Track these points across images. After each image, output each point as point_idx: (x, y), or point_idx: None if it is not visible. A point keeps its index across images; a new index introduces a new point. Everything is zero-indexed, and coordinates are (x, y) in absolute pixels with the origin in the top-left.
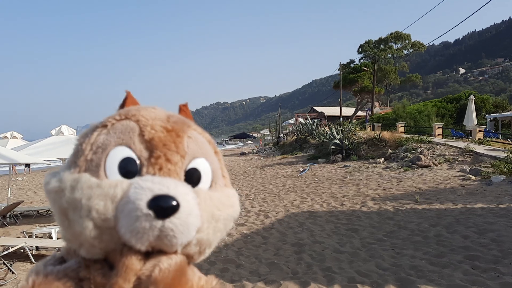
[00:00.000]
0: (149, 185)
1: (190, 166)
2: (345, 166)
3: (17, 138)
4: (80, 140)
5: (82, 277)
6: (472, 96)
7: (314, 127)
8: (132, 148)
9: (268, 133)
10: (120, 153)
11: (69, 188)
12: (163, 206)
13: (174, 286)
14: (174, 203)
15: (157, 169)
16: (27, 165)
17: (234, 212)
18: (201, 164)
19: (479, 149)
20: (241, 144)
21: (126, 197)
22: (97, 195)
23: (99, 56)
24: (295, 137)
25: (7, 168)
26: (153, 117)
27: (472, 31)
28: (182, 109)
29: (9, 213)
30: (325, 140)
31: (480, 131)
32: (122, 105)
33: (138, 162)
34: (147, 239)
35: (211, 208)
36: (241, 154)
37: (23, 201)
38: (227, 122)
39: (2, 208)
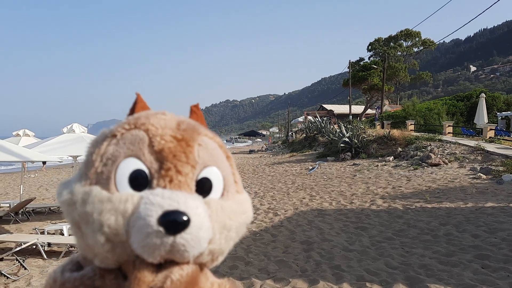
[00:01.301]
0: (158, 201)
1: (201, 175)
2: (354, 164)
3: (29, 136)
4: (90, 149)
5: (97, 286)
6: (483, 94)
7: (323, 125)
8: (142, 159)
9: (277, 131)
10: (130, 165)
11: (80, 201)
12: (173, 222)
13: None
14: (185, 218)
15: (167, 181)
16: (44, 162)
17: (247, 218)
18: (213, 173)
19: (490, 147)
20: (250, 141)
21: (137, 212)
22: (108, 210)
23: (109, 55)
24: (304, 135)
25: (20, 166)
26: (162, 126)
27: (484, 28)
28: (194, 110)
29: (22, 210)
30: (334, 138)
31: (491, 129)
32: (132, 109)
33: (148, 174)
34: (159, 254)
35: (222, 218)
36: (250, 151)
37: (35, 198)
38: (236, 120)
39: (15, 205)
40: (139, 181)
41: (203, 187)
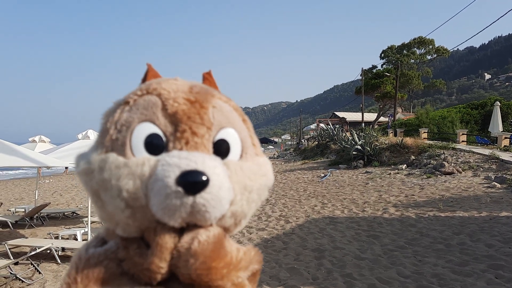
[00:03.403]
0: (175, 161)
1: (218, 137)
2: (366, 172)
3: (45, 142)
4: (104, 119)
5: (121, 257)
6: (497, 102)
7: (335, 133)
8: (156, 123)
9: (289, 138)
10: (145, 129)
11: (97, 169)
12: (192, 182)
13: (213, 258)
14: (204, 178)
15: (183, 143)
16: (66, 167)
17: (268, 181)
18: (229, 135)
19: (504, 156)
20: (262, 149)
21: (154, 174)
22: (126, 175)
23: (122, 62)
24: (316, 143)
25: (35, 171)
26: (175, 89)
27: (498, 36)
28: (206, 77)
29: (36, 215)
30: (346, 145)
31: (506, 138)
32: (144, 79)
33: (163, 137)
34: (180, 215)
35: (242, 179)
36: None
37: (50, 203)
38: None
39: (30, 210)
40: (155, 145)
41: (221, 148)
